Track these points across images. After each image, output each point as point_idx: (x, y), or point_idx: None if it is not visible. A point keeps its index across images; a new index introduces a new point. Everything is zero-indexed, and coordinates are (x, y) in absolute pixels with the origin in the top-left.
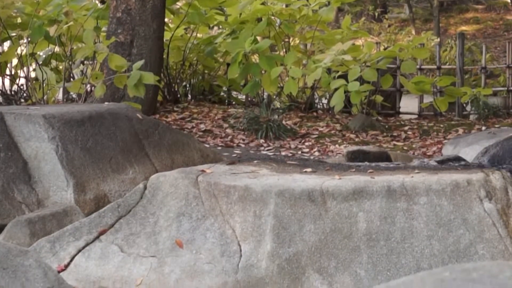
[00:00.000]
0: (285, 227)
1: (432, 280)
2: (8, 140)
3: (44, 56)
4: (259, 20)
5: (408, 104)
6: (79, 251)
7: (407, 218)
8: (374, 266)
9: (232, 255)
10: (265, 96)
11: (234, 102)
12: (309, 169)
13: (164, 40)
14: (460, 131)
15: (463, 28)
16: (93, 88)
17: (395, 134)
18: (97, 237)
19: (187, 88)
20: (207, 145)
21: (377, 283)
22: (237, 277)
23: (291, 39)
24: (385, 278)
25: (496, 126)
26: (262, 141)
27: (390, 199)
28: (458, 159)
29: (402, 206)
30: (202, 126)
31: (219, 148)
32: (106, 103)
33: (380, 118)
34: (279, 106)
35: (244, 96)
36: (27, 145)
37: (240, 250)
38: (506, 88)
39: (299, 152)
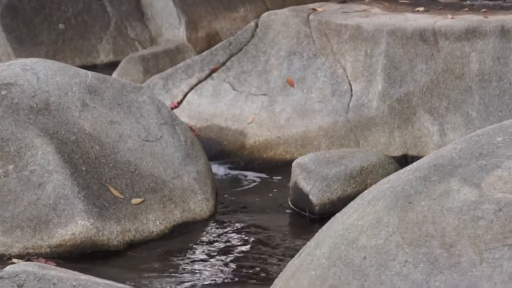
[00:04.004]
0: (396, 67)
1: None
2: None
3: None
4: None
5: None
6: (192, 88)
7: None
8: (485, 107)
9: (342, 95)
10: None
11: None
12: (421, 8)
13: None
14: None
15: None
16: None
17: None
18: (209, 75)
19: None
20: None
21: (488, 124)
22: (348, 116)
23: None
24: (496, 119)
25: None
26: None
27: (504, 39)
28: None
29: None
30: None
31: None
32: None
33: None
34: None
35: None
36: None
37: (351, 90)
38: None
39: None
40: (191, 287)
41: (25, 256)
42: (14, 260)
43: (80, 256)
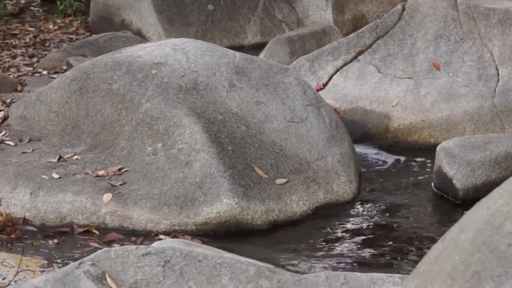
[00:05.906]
0: None
1: None
2: None
3: None
4: None
5: None
6: (337, 70)
7: None
8: None
9: (489, 79)
10: None
11: None
12: None
13: None
14: None
15: None
16: None
17: None
18: (355, 57)
19: None
20: None
21: None
22: (494, 101)
23: None
24: None
25: None
26: None
27: None
28: None
29: None
30: None
31: None
32: None
33: None
34: None
35: None
36: None
37: (498, 74)
38: None
39: None
40: (333, 269)
41: (172, 233)
42: (161, 236)
43: (225, 235)
